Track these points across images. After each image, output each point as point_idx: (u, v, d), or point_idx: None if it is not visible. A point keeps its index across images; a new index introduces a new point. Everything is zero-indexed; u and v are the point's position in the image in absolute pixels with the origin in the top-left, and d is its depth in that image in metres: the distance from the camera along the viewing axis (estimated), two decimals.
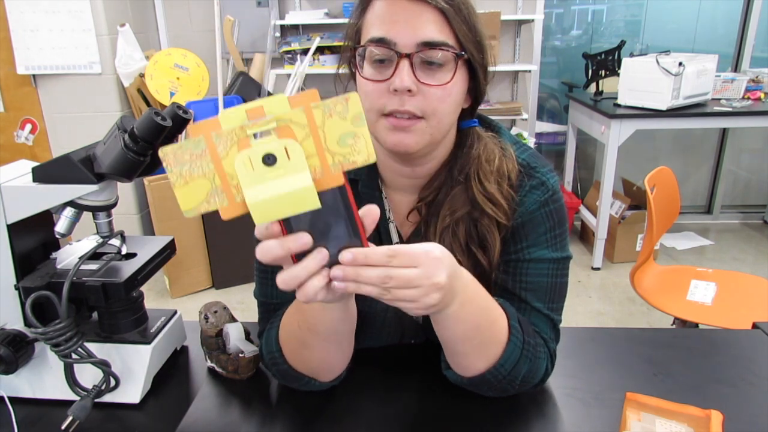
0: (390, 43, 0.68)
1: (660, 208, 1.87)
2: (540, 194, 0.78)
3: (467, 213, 0.77)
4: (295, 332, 0.73)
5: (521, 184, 0.79)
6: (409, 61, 0.68)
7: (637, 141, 3.09)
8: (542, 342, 0.77)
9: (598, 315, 2.67)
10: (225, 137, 0.48)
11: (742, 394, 0.80)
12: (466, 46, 0.70)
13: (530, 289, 0.79)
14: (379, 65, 0.70)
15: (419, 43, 0.68)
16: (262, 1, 3.17)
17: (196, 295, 2.87)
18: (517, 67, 3.30)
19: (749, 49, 3.41)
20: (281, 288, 0.54)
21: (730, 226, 3.70)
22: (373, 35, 0.69)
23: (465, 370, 0.74)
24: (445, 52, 0.68)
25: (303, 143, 0.49)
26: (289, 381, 0.79)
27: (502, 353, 0.71)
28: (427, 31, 0.67)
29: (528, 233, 0.78)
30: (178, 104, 0.77)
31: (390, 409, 0.78)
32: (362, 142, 0.50)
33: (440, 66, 0.69)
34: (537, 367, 0.75)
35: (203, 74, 2.96)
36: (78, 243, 0.88)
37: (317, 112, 0.49)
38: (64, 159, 0.74)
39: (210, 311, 0.85)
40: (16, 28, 2.78)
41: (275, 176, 0.48)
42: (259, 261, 0.78)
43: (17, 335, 0.78)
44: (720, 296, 1.87)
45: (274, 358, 0.77)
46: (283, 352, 0.76)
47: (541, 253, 0.78)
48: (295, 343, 0.74)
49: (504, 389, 0.75)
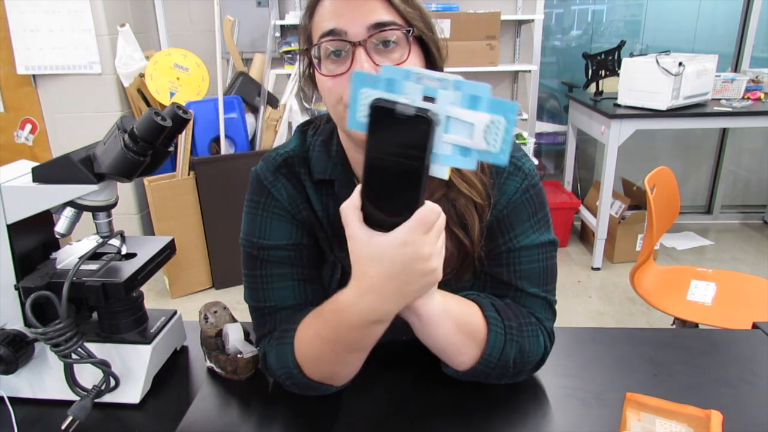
0: (341, 33, 0.69)
1: (660, 208, 1.87)
2: (519, 180, 0.80)
3: (444, 195, 0.78)
4: (323, 350, 0.71)
5: (498, 171, 0.80)
6: (363, 48, 0.69)
7: (637, 141, 3.10)
8: (534, 321, 0.80)
9: (598, 315, 2.67)
10: None
11: (742, 394, 0.80)
12: (414, 24, 0.71)
13: (524, 276, 0.80)
14: (335, 60, 0.71)
15: (369, 26, 0.69)
16: (262, 1, 3.17)
17: (196, 295, 2.88)
18: (517, 67, 3.30)
19: (749, 49, 3.41)
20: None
21: (730, 226, 3.70)
22: (324, 30, 0.70)
23: (459, 365, 0.77)
24: (395, 30, 0.70)
25: None
26: (305, 390, 0.78)
27: (486, 343, 0.74)
28: (374, 15, 0.69)
29: (513, 222, 0.80)
30: (178, 104, 0.77)
31: (389, 409, 0.78)
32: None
33: (395, 45, 0.71)
34: (528, 347, 0.77)
35: (203, 74, 2.96)
36: (78, 243, 0.88)
37: None
38: (64, 159, 0.74)
39: (210, 311, 0.85)
40: (16, 28, 2.78)
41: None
42: (248, 267, 0.81)
43: (17, 335, 0.78)
44: (720, 296, 1.87)
45: (291, 374, 0.76)
46: (302, 368, 0.75)
47: (530, 240, 0.80)
48: (322, 359, 0.73)
49: (501, 374, 0.77)
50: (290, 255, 0.81)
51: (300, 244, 0.81)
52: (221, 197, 2.79)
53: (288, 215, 0.81)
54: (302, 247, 0.82)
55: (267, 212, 0.81)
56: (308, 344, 0.74)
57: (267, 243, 0.81)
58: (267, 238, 0.81)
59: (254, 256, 0.81)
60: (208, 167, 2.75)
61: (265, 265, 0.81)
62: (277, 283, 0.81)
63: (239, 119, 2.85)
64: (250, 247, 0.82)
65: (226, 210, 2.80)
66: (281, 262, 0.81)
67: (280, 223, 0.81)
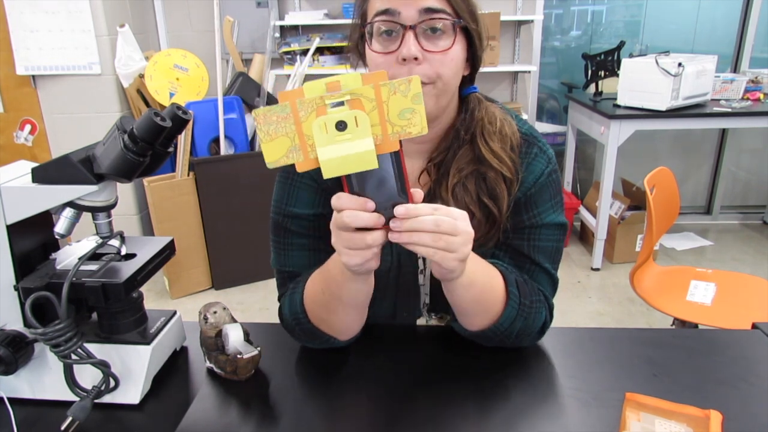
0: (394, 13, 0.76)
1: (659, 208, 1.87)
2: (544, 163, 0.88)
3: (475, 169, 0.85)
4: (320, 298, 0.82)
5: (527, 151, 0.88)
6: (413, 32, 0.76)
7: (636, 141, 3.10)
8: (542, 299, 0.87)
9: (597, 315, 2.67)
10: (307, 104, 0.59)
11: (742, 395, 0.80)
12: (462, 15, 0.78)
13: (541, 251, 0.88)
14: (386, 38, 0.78)
15: (421, 10, 0.75)
16: (262, 2, 3.18)
17: (195, 296, 2.87)
18: (516, 68, 3.31)
19: (748, 49, 3.41)
20: (335, 245, 0.66)
21: (729, 226, 3.70)
22: (378, 9, 0.77)
23: (470, 325, 0.86)
24: (445, 20, 0.76)
25: (370, 114, 0.59)
26: (312, 339, 0.88)
27: (501, 314, 0.82)
28: (426, 1, 0.75)
29: (537, 201, 0.88)
30: (177, 105, 0.77)
31: (389, 409, 0.78)
32: (418, 116, 0.60)
33: (442, 33, 0.77)
34: (532, 323, 0.86)
35: (203, 75, 2.96)
36: (77, 243, 0.88)
37: (384, 89, 0.59)
38: (63, 159, 0.73)
39: (209, 312, 0.85)
40: (16, 28, 2.79)
41: (344, 140, 0.59)
42: (275, 233, 0.93)
43: (17, 336, 0.78)
44: (719, 297, 1.87)
45: (298, 319, 0.86)
46: (307, 314, 0.85)
47: (550, 218, 0.88)
48: (319, 307, 0.84)
49: (501, 341, 0.86)
50: (310, 225, 0.90)
51: (320, 215, 0.90)
52: (221, 198, 2.79)
53: (314, 183, 0.90)
54: (321, 218, 0.90)
55: (296, 182, 0.90)
56: (311, 292, 0.84)
57: (293, 211, 0.90)
58: (293, 206, 0.90)
59: (279, 224, 0.92)
60: (207, 168, 2.76)
61: (287, 234, 0.91)
62: (295, 252, 0.92)
63: (239, 120, 2.85)
64: (277, 214, 0.92)
65: (226, 210, 2.80)
66: (301, 233, 0.91)
67: (305, 193, 0.90)
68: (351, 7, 3.10)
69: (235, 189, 2.78)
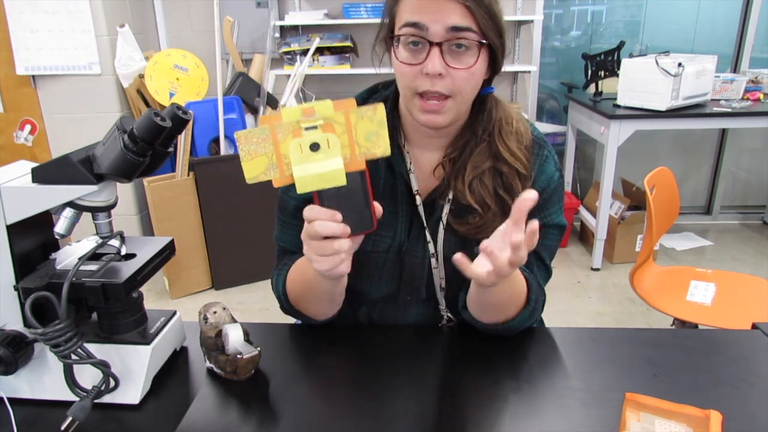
0: (423, 27, 0.78)
1: (659, 208, 1.87)
2: (554, 168, 0.94)
3: (492, 166, 0.90)
4: (298, 288, 0.92)
5: (539, 153, 0.93)
6: (439, 48, 0.79)
7: (636, 141, 3.10)
8: (545, 296, 0.93)
9: (597, 315, 2.67)
10: (284, 127, 0.66)
11: (742, 395, 0.80)
12: (487, 34, 0.80)
13: (545, 249, 0.95)
14: (412, 49, 0.81)
15: (448, 28, 0.78)
16: (262, 2, 3.18)
17: (195, 296, 2.87)
18: (516, 68, 3.30)
19: (748, 49, 3.41)
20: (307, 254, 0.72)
21: (729, 226, 3.70)
22: (407, 20, 0.80)
23: (485, 319, 0.90)
24: (470, 39, 0.79)
25: (340, 137, 0.66)
26: (294, 315, 0.98)
27: (518, 315, 0.89)
28: (453, 18, 0.78)
29: (547, 203, 0.93)
30: (177, 105, 0.78)
31: (388, 410, 0.78)
32: (382, 139, 0.67)
33: (466, 50, 0.80)
34: (535, 318, 0.92)
35: (203, 75, 2.96)
36: (77, 244, 0.88)
37: (353, 115, 0.66)
38: (63, 159, 0.73)
39: (209, 312, 0.85)
40: (16, 28, 2.79)
41: (317, 159, 0.66)
42: (279, 210, 1.01)
43: (17, 336, 0.78)
44: (719, 297, 1.87)
45: (281, 298, 0.97)
46: (288, 296, 0.95)
47: (557, 220, 0.95)
48: (296, 295, 0.93)
49: (503, 335, 0.92)
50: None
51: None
52: (221, 198, 2.78)
53: None
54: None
55: None
56: (291, 279, 0.93)
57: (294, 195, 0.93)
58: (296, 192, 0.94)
59: (284, 202, 0.98)
60: (207, 168, 2.75)
61: (286, 213, 0.98)
62: (289, 230, 0.99)
63: (239, 120, 2.85)
64: (284, 192, 0.98)
65: (226, 210, 2.80)
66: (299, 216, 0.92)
67: None
68: (351, 7, 3.10)
69: (235, 189, 2.78)
